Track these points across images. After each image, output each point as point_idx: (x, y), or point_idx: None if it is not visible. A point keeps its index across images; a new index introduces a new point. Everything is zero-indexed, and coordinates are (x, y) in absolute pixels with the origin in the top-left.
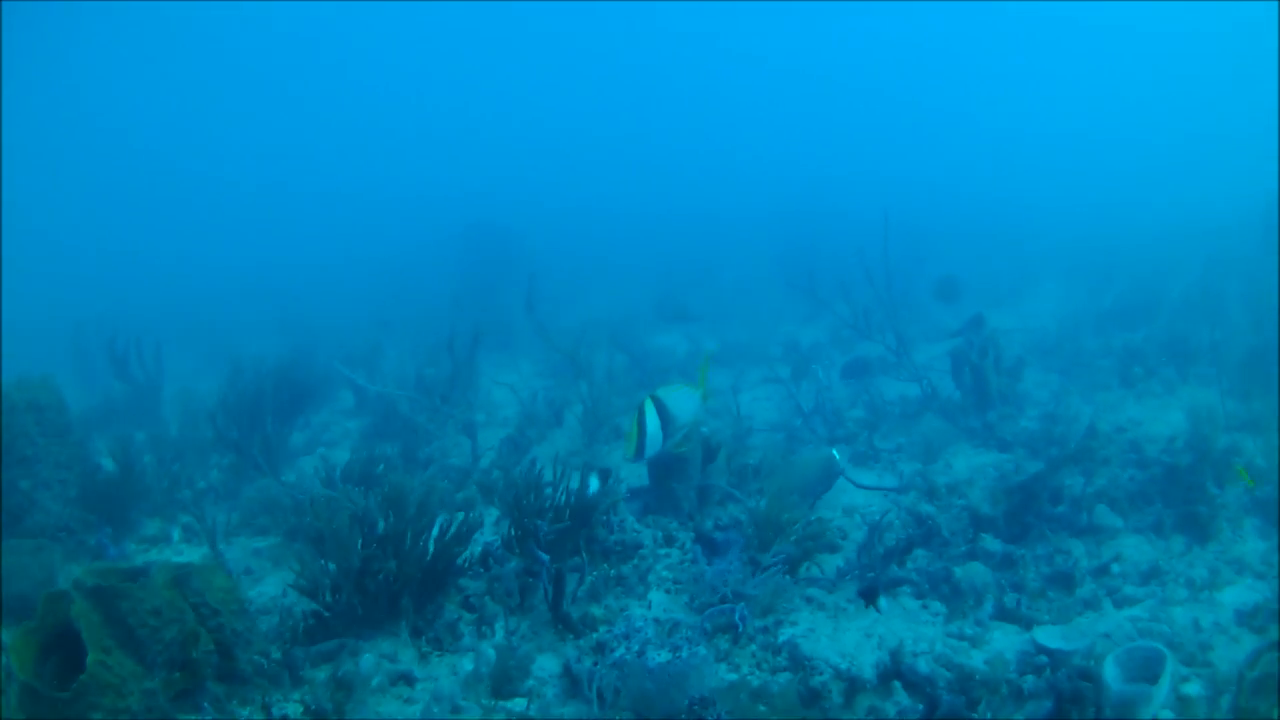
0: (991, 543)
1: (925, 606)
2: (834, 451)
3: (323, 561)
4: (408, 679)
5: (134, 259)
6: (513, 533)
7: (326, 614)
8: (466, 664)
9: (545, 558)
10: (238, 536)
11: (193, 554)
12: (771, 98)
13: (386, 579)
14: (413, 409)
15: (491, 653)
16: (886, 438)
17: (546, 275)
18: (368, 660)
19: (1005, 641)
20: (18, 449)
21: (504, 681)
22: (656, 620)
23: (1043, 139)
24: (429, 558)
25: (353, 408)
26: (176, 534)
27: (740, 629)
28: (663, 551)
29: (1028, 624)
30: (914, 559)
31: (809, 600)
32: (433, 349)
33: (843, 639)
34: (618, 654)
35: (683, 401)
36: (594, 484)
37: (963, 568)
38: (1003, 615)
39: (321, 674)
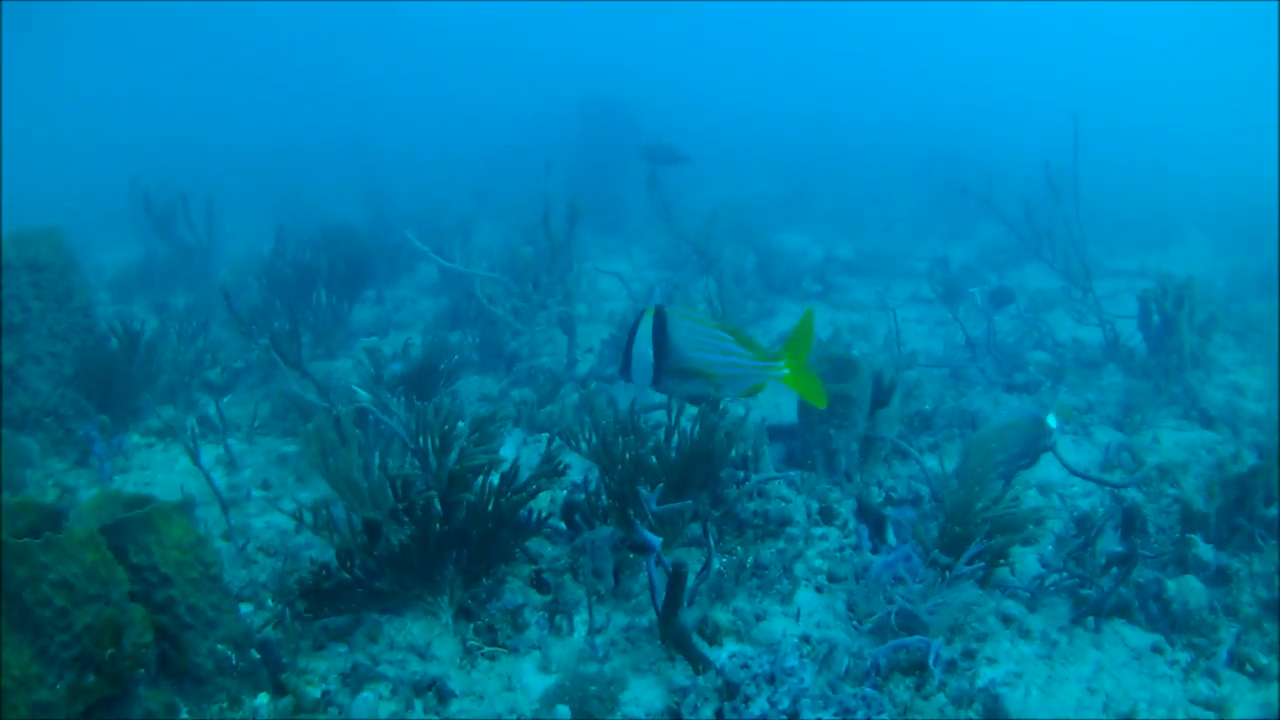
0: (1203, 549)
1: (1157, 649)
2: (1050, 419)
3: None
4: (440, 693)
5: (222, 130)
6: (605, 483)
7: (344, 574)
8: (528, 672)
9: (657, 543)
10: (265, 435)
11: (209, 455)
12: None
13: (421, 536)
14: (487, 292)
15: (566, 659)
16: (1074, 391)
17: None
18: (365, 703)
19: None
20: (5, 315)
21: (578, 712)
22: (806, 639)
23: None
24: (489, 507)
25: (436, 284)
26: (194, 425)
27: (931, 671)
28: (818, 531)
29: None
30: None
31: (1006, 620)
32: (530, 229)
33: (1059, 695)
34: (756, 711)
35: (693, 338)
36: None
37: (1176, 582)
38: (1233, 661)
39: (324, 664)
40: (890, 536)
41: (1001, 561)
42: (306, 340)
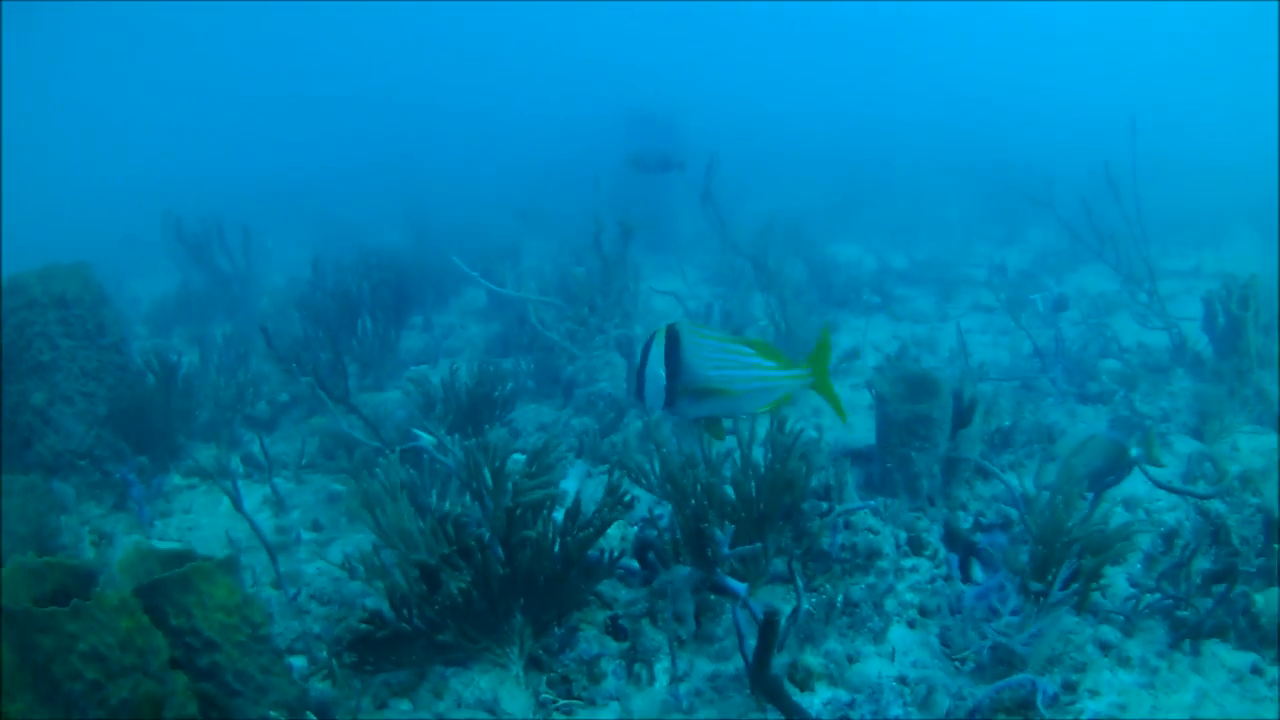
0: None
1: (1256, 670)
2: (1132, 450)
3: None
4: None
5: (252, 153)
6: (677, 519)
7: (403, 624)
8: None
9: (741, 589)
10: (314, 473)
11: (255, 495)
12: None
13: (482, 583)
14: (540, 316)
15: (649, 711)
16: (1147, 399)
17: (717, 170)
18: None
19: None
20: (32, 354)
21: None
22: (903, 680)
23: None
24: (555, 547)
25: (485, 308)
26: (237, 465)
27: (1039, 711)
28: (908, 563)
29: None
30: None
31: (1104, 648)
32: (579, 249)
33: None
34: None
35: (708, 355)
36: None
37: (1264, 596)
38: None
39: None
40: (981, 564)
41: (1093, 584)
42: (353, 370)
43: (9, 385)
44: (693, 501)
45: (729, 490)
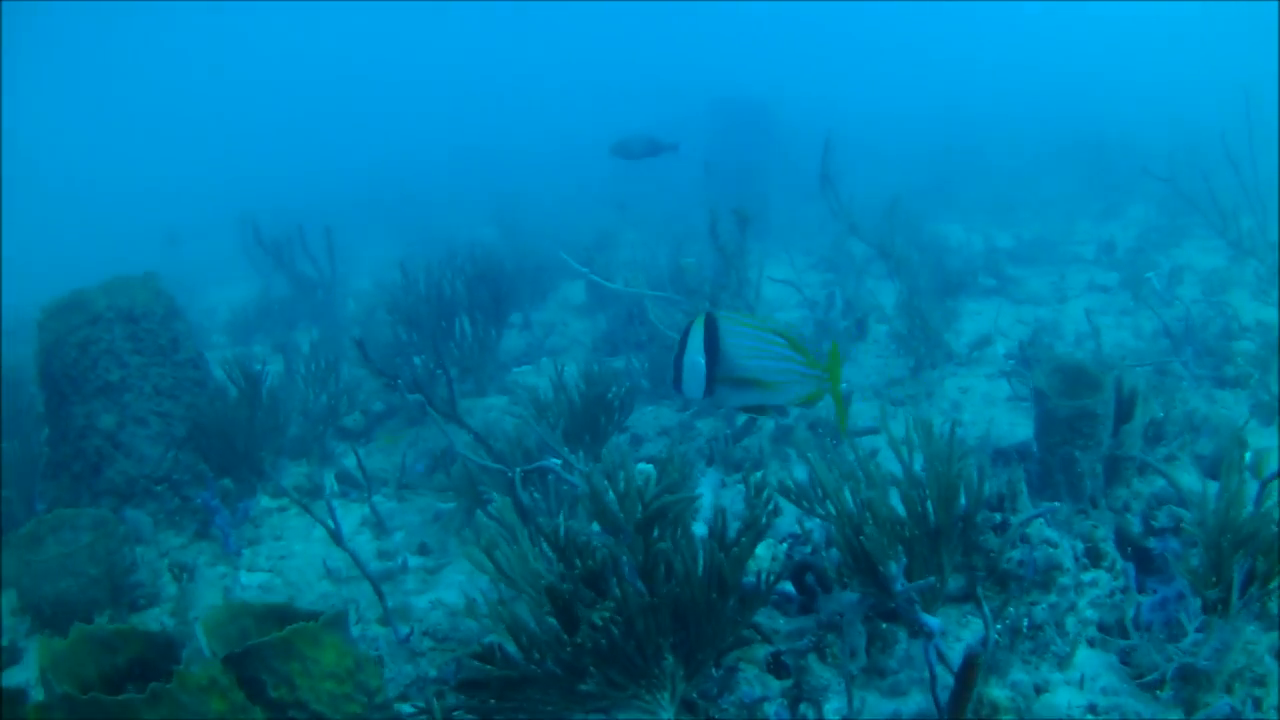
0: None
1: None
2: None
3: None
4: None
5: (331, 152)
6: (839, 537)
7: (533, 666)
8: None
9: (935, 626)
10: (417, 493)
11: (353, 516)
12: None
13: (625, 619)
14: (655, 312)
15: None
16: None
17: (806, 158)
18: None
19: None
20: (99, 374)
21: None
22: (1093, 709)
23: None
24: (699, 570)
25: (586, 304)
26: (330, 484)
27: None
28: (1087, 577)
29: None
30: None
31: None
32: (679, 236)
33: None
34: None
35: (745, 344)
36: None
37: None
38: None
39: None
40: (1157, 572)
41: (1268, 587)
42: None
43: (74, 408)
44: (852, 521)
45: (898, 508)
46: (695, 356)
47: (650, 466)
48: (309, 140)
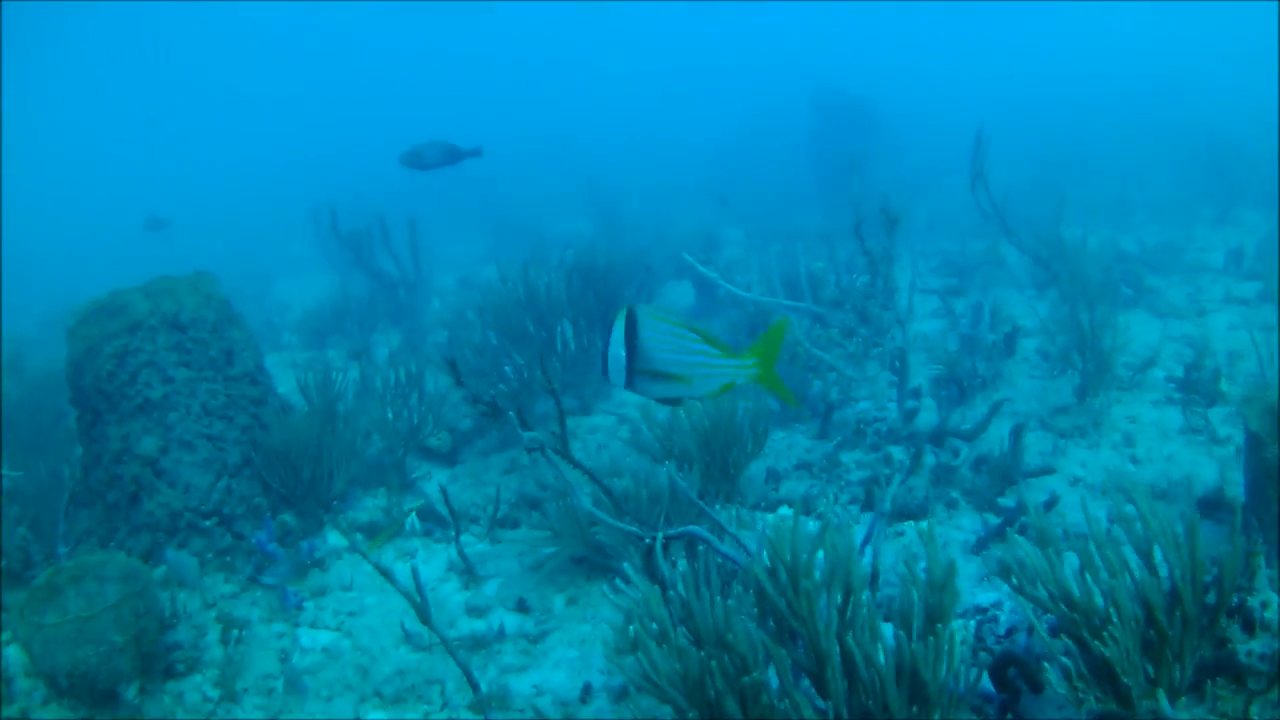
0: None
1: None
2: None
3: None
4: None
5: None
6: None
7: None
8: None
9: None
10: (511, 532)
11: (437, 560)
12: None
13: None
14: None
15: None
16: None
17: (908, 153)
18: None
19: None
20: (138, 389)
21: None
22: None
23: None
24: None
25: (694, 307)
26: (413, 519)
27: None
28: None
29: None
30: None
31: None
32: (787, 234)
33: None
34: None
35: (660, 338)
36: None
37: None
38: None
39: None
40: None
41: None
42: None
43: (109, 428)
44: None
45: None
46: (617, 349)
47: (790, 511)
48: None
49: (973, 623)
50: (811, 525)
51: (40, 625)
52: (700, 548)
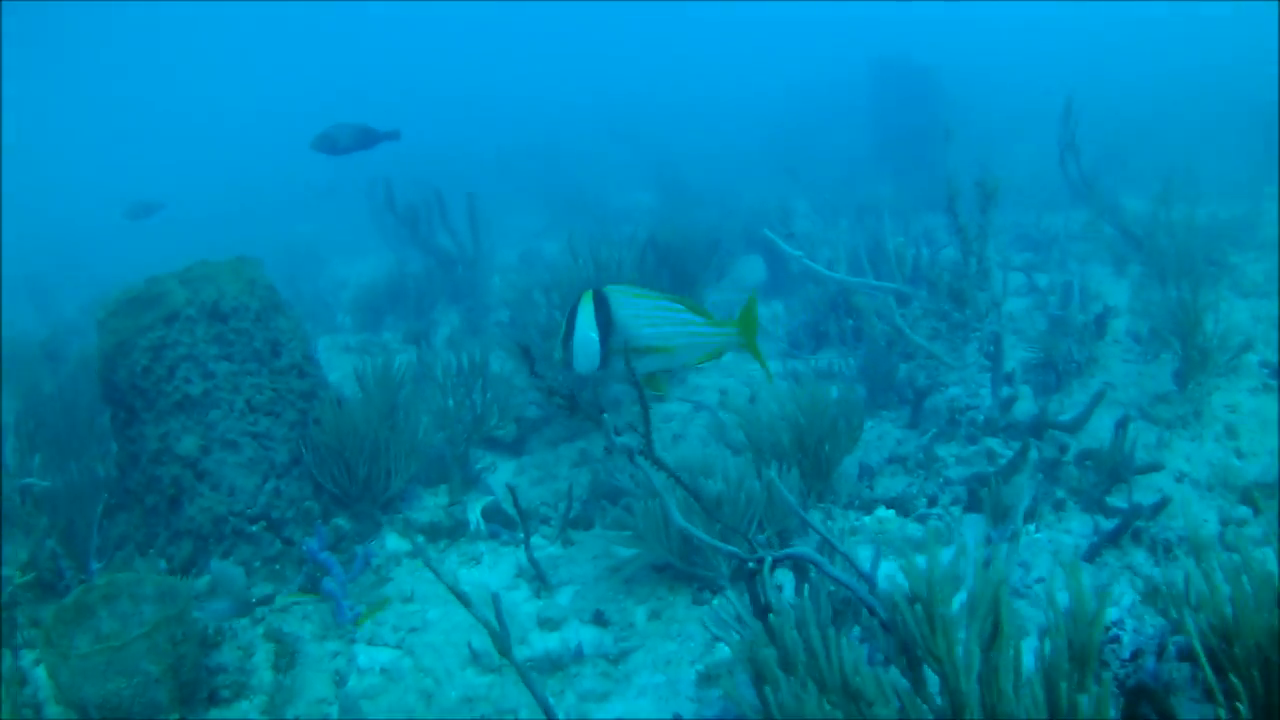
0: None
1: None
2: None
3: None
4: None
5: (467, 116)
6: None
7: None
8: None
9: None
10: (584, 533)
11: (504, 565)
12: None
13: None
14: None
15: None
16: None
17: (970, 121)
18: None
19: None
20: (176, 385)
21: None
22: None
23: None
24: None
25: (765, 282)
26: (476, 519)
27: None
28: None
29: None
30: None
31: None
32: (858, 207)
33: None
34: None
35: (641, 314)
36: None
37: None
38: None
39: None
40: None
41: None
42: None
43: (146, 428)
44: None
45: None
46: (587, 331)
47: (891, 513)
48: (441, 103)
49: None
50: (912, 529)
51: (67, 655)
52: (812, 573)
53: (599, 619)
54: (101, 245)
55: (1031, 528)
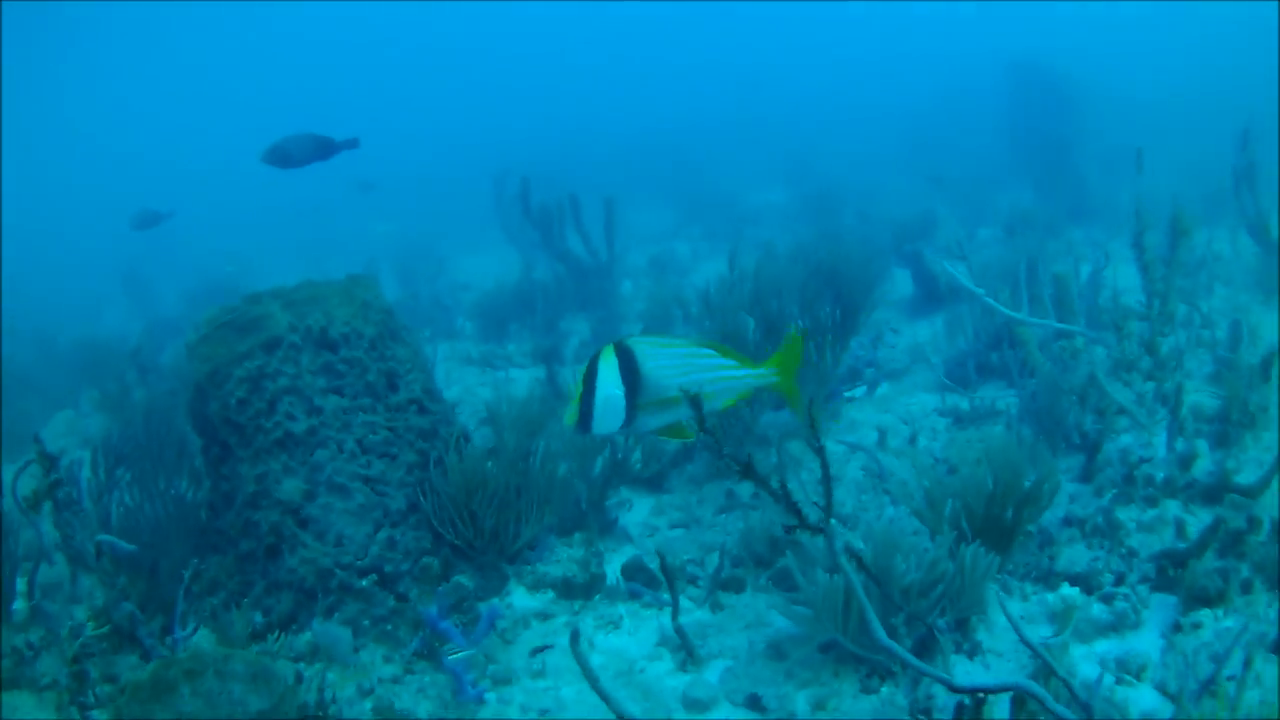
0: None
1: None
2: None
3: None
4: None
5: (586, 112)
6: None
7: None
8: None
9: None
10: (735, 597)
11: (646, 630)
12: None
13: None
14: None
15: None
16: None
17: (1103, 132)
18: None
19: None
20: (277, 421)
21: None
22: None
23: None
24: None
25: (912, 298)
26: (612, 574)
27: None
28: None
29: None
30: None
31: None
32: (1007, 220)
33: None
34: None
35: (670, 364)
36: None
37: None
38: None
39: None
40: None
41: None
42: (784, 413)
43: (241, 466)
44: None
45: None
46: (610, 389)
47: (1075, 591)
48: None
49: None
50: (1097, 609)
51: None
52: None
53: (754, 703)
54: (193, 235)
55: (1220, 612)
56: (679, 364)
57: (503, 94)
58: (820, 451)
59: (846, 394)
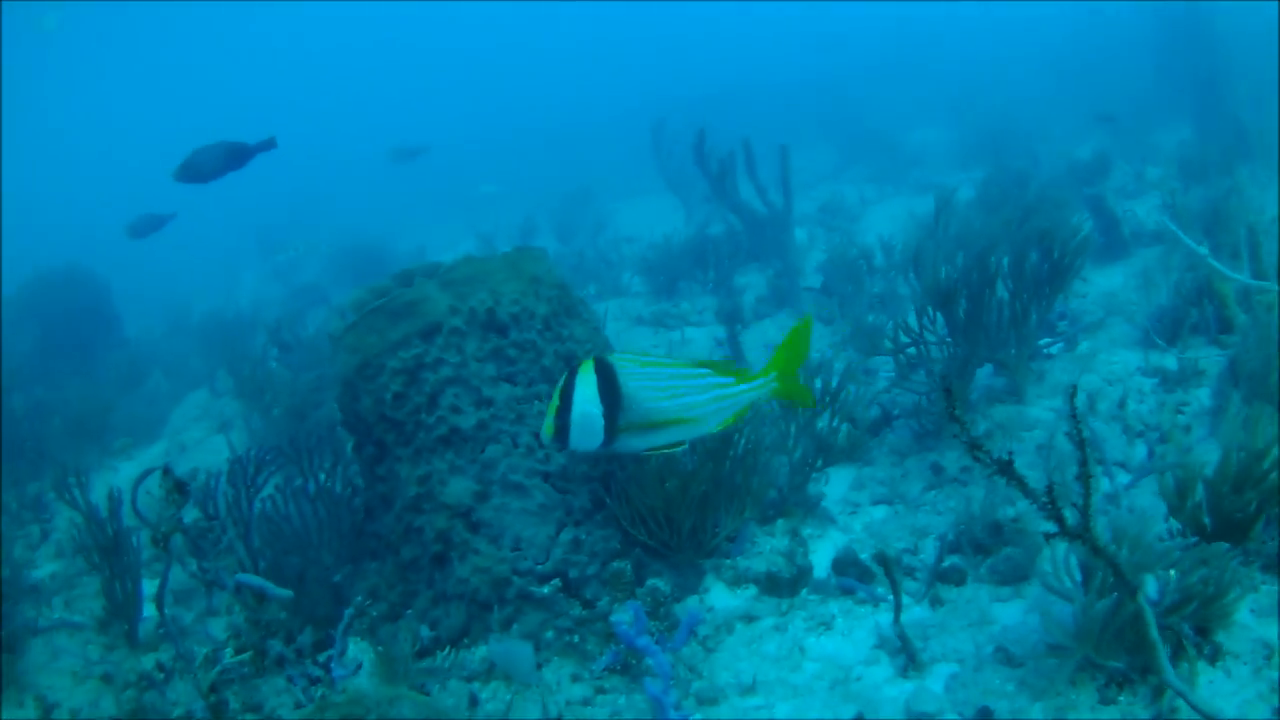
0: None
1: None
2: None
3: None
4: None
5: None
6: None
7: None
8: None
9: None
10: (958, 591)
11: (862, 632)
12: None
13: None
14: None
15: None
16: None
17: (1250, 70)
18: None
19: None
20: (440, 415)
21: None
22: None
23: None
24: None
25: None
26: (820, 565)
27: None
28: None
29: None
30: None
31: None
32: (1189, 166)
33: None
34: None
35: (654, 384)
36: None
37: None
38: None
39: None
40: None
41: None
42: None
43: (400, 466)
44: None
45: None
46: (586, 407)
47: None
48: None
49: None
50: None
51: None
52: None
53: (985, 717)
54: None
55: None
56: (666, 384)
57: (642, 43)
58: (1081, 445)
59: (1046, 348)
